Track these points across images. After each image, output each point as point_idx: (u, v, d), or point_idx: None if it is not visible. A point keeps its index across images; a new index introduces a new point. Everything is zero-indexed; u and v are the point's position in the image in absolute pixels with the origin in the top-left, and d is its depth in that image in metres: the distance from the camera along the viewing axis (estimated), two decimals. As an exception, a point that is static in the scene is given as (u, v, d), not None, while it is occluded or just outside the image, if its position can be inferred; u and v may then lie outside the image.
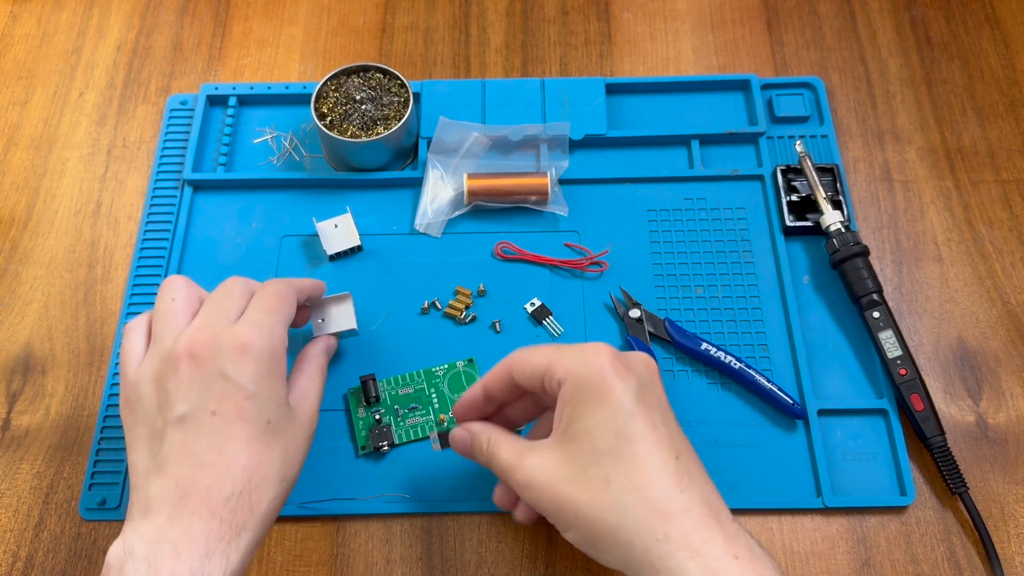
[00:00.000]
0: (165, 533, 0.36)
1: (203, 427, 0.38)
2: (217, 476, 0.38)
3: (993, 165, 0.60)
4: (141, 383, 0.40)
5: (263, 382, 0.40)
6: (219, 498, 0.37)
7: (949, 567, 0.47)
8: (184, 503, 0.37)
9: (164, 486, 0.37)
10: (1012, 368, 0.53)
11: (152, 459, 0.39)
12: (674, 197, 0.58)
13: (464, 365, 0.52)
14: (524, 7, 0.68)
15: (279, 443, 0.40)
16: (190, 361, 0.39)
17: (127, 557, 0.36)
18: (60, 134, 0.62)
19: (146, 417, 0.40)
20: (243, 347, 0.39)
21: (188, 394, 0.39)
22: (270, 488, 0.39)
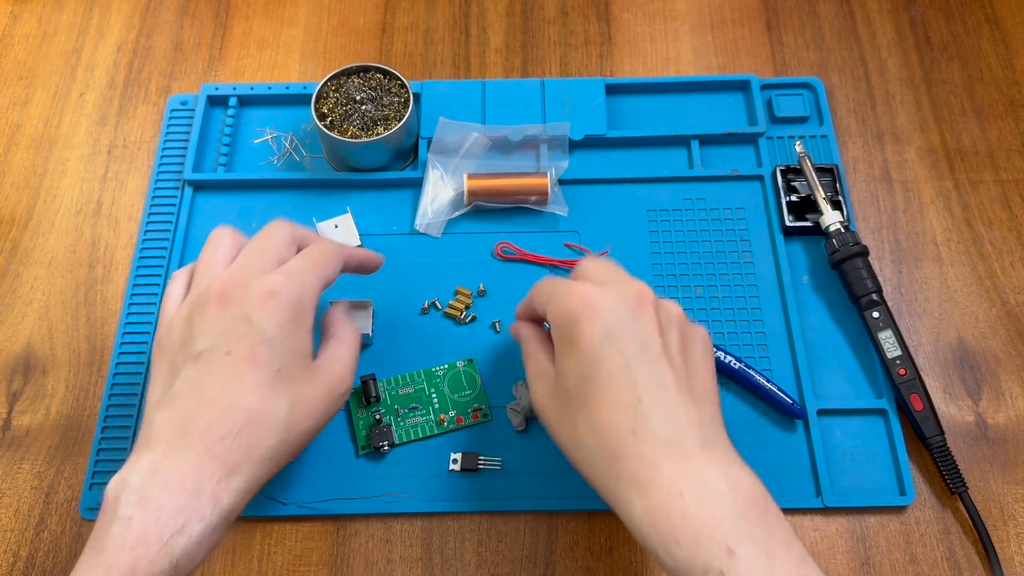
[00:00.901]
0: (159, 466, 0.37)
1: (215, 365, 0.39)
2: (219, 413, 0.38)
3: (993, 165, 0.60)
4: (174, 322, 0.42)
5: (283, 330, 0.40)
6: (216, 435, 0.38)
7: (949, 567, 0.47)
8: (183, 437, 0.38)
9: (168, 419, 0.38)
10: (1011, 368, 0.53)
11: (164, 392, 0.40)
12: (674, 197, 0.58)
13: (464, 365, 0.52)
14: (524, 7, 0.68)
15: (288, 393, 0.40)
16: (219, 302, 0.40)
17: (122, 489, 0.37)
18: (60, 134, 0.63)
19: (170, 354, 0.41)
20: (271, 293, 0.40)
21: (210, 332, 0.40)
22: (270, 434, 0.39)
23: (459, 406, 0.51)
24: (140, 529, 0.35)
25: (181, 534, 0.36)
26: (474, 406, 0.51)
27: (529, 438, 0.50)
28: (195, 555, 0.37)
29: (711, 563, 0.33)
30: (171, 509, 0.36)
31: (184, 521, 0.36)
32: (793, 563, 0.34)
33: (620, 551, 0.48)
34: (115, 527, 0.36)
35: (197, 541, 0.36)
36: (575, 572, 0.47)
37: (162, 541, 0.35)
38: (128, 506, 0.36)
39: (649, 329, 0.39)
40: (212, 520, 0.37)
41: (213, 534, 0.37)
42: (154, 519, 0.35)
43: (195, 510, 0.36)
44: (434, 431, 0.50)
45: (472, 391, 0.51)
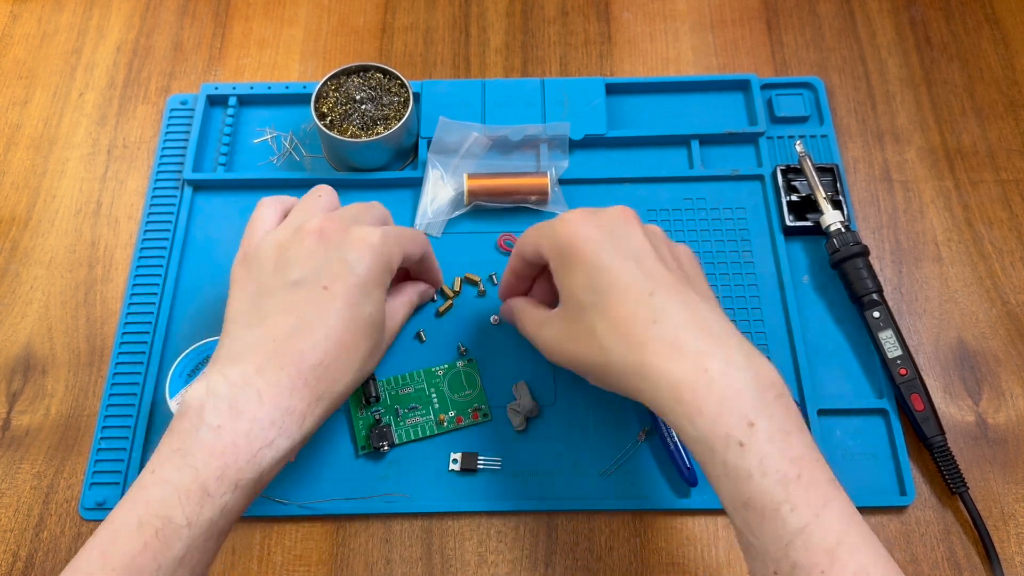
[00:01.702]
0: (252, 380, 0.38)
1: (312, 296, 0.41)
2: (312, 342, 0.40)
3: (993, 165, 0.60)
4: (265, 245, 0.43)
5: (374, 279, 0.43)
6: (309, 362, 0.39)
7: (949, 567, 0.47)
8: (276, 358, 0.39)
9: (260, 337, 0.40)
10: (1012, 368, 0.53)
11: (255, 311, 0.41)
12: (674, 197, 0.58)
13: (464, 365, 0.52)
14: (524, 7, 0.68)
15: (370, 337, 0.43)
16: (319, 237, 0.42)
17: (208, 397, 0.38)
18: (60, 134, 0.62)
19: (260, 274, 0.42)
20: (368, 243, 0.43)
21: (308, 263, 0.41)
22: (351, 372, 0.42)
23: (459, 406, 0.51)
24: (231, 437, 0.37)
25: (270, 447, 0.37)
26: (474, 406, 0.51)
27: (529, 438, 0.50)
28: (276, 468, 0.39)
29: (732, 433, 0.35)
30: (264, 422, 0.37)
31: (275, 436, 0.38)
32: (807, 446, 0.35)
33: (620, 551, 0.48)
34: (202, 433, 0.37)
35: (282, 455, 0.38)
36: (575, 572, 0.47)
37: (252, 452, 0.37)
38: (216, 415, 0.37)
39: (639, 239, 0.41)
40: (296, 439, 0.39)
41: (294, 451, 0.39)
42: (246, 430, 0.37)
43: (285, 427, 0.38)
44: (434, 431, 0.50)
45: (472, 391, 0.51)
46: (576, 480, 0.49)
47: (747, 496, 0.34)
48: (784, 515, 0.33)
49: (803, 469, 0.34)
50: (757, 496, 0.34)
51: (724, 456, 0.35)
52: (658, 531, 0.48)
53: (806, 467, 0.34)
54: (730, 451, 0.35)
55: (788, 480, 0.34)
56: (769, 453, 0.34)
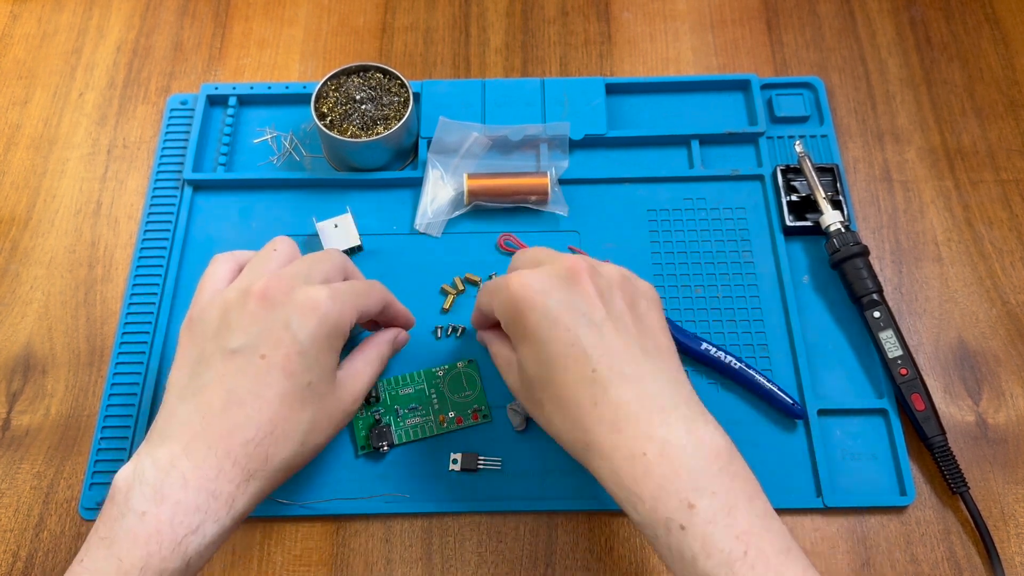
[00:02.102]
0: (178, 462, 0.37)
1: (248, 366, 0.39)
2: (245, 418, 0.38)
3: (993, 165, 0.60)
4: (210, 308, 0.41)
5: (318, 344, 0.40)
6: (239, 440, 0.38)
7: (949, 567, 0.47)
8: (204, 435, 0.38)
9: (191, 413, 0.38)
10: (1012, 368, 0.53)
11: (192, 382, 0.40)
12: (674, 197, 0.58)
13: (464, 366, 0.52)
14: (524, 7, 0.68)
15: (311, 408, 0.41)
16: (261, 301, 0.40)
17: (135, 481, 0.37)
18: (60, 134, 0.62)
19: (202, 340, 0.41)
20: (313, 305, 0.40)
21: (247, 330, 0.40)
22: (289, 446, 0.40)
23: (459, 407, 0.51)
24: (155, 525, 0.35)
25: (196, 533, 0.36)
26: (474, 407, 0.51)
27: (529, 438, 0.50)
28: (205, 554, 0.37)
29: (672, 516, 0.34)
30: (188, 508, 0.36)
31: (200, 521, 0.36)
32: (756, 516, 0.35)
33: (620, 551, 0.48)
34: (128, 520, 0.36)
35: (210, 541, 0.37)
36: (575, 572, 0.47)
37: (176, 539, 0.35)
38: (142, 500, 0.36)
39: (588, 299, 0.39)
40: (226, 523, 0.37)
41: (224, 536, 0.38)
42: (169, 516, 0.36)
43: (211, 511, 0.37)
44: (434, 432, 0.50)
45: (472, 392, 0.51)
46: (576, 480, 0.49)
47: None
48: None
49: (749, 545, 0.34)
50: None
51: (667, 540, 0.35)
52: (658, 531, 0.48)
53: (753, 542, 0.34)
54: (672, 535, 0.34)
55: (733, 560, 0.33)
56: (711, 533, 0.34)
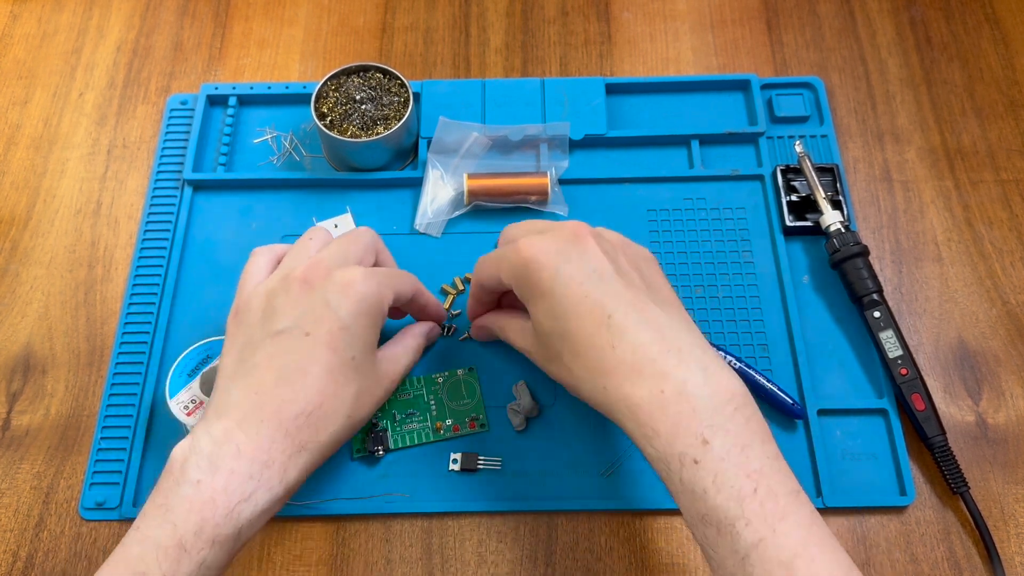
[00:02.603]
0: (232, 434, 0.39)
1: (294, 345, 0.41)
2: (294, 393, 0.40)
3: (993, 165, 0.60)
4: (254, 296, 0.43)
5: (359, 320, 0.42)
6: (290, 413, 0.40)
7: (949, 567, 0.47)
8: (258, 410, 0.39)
9: (244, 391, 0.40)
10: (1012, 368, 0.53)
11: (241, 365, 0.41)
12: (674, 197, 0.58)
13: (464, 373, 0.52)
14: (524, 7, 0.68)
15: (356, 382, 0.42)
16: (302, 285, 0.42)
17: (191, 453, 0.38)
18: (60, 134, 0.62)
19: (248, 328, 0.43)
20: (351, 283, 0.42)
21: (291, 312, 0.42)
22: (337, 419, 0.41)
23: (457, 415, 0.51)
24: (209, 492, 0.37)
25: (248, 501, 0.37)
26: (472, 415, 0.51)
27: (529, 438, 0.50)
28: (257, 523, 0.38)
29: (686, 451, 0.35)
30: (242, 476, 0.37)
31: (253, 489, 0.38)
32: (767, 457, 0.36)
33: (620, 551, 0.48)
34: (183, 488, 0.37)
35: (263, 509, 0.38)
36: (575, 572, 0.47)
37: (230, 506, 0.37)
38: (197, 470, 0.37)
39: (595, 257, 0.41)
40: (278, 492, 0.39)
41: (276, 505, 0.39)
42: (223, 484, 0.37)
43: (264, 480, 0.38)
44: (430, 438, 0.50)
45: (471, 400, 0.51)
46: (576, 480, 0.49)
47: (703, 512, 0.35)
48: (739, 530, 0.34)
49: (760, 483, 0.34)
50: (713, 512, 0.34)
51: (680, 474, 0.35)
52: (658, 531, 0.48)
53: (763, 480, 0.34)
54: (685, 469, 0.35)
55: (743, 495, 0.34)
56: (723, 469, 0.35)
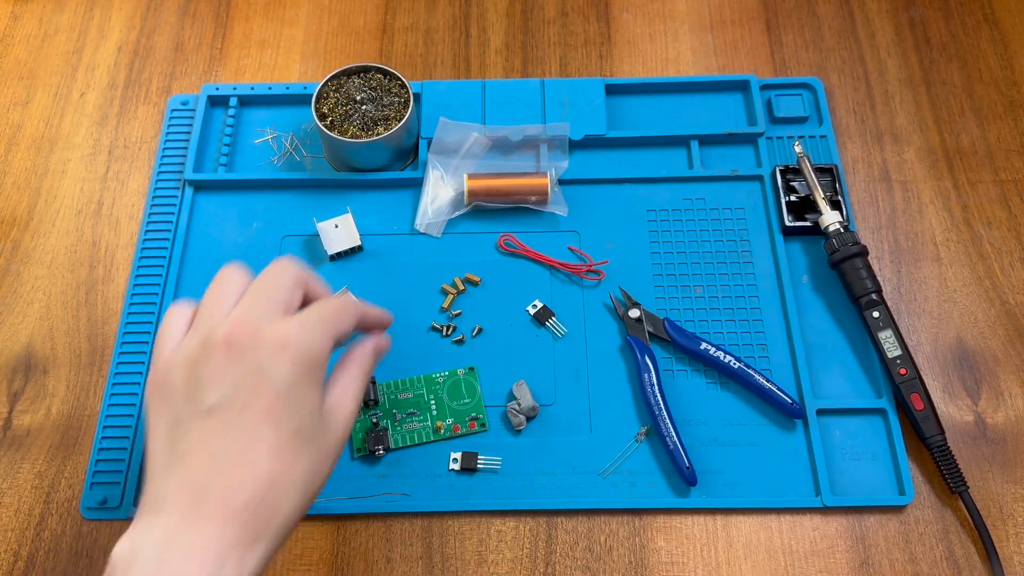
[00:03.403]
0: (177, 534, 0.35)
1: (231, 423, 0.36)
2: (238, 479, 0.35)
3: (992, 165, 0.60)
4: (174, 367, 0.38)
5: (298, 385, 0.37)
6: (237, 503, 0.35)
7: (948, 566, 0.47)
8: (200, 504, 0.35)
9: (181, 483, 0.36)
10: (1010, 368, 0.53)
11: (172, 450, 0.37)
12: (673, 197, 0.58)
13: (465, 373, 0.52)
14: (524, 8, 0.68)
15: (307, 453, 0.38)
16: (227, 350, 0.37)
17: (135, 557, 0.34)
18: (61, 134, 0.63)
19: (172, 404, 0.37)
20: (284, 344, 0.37)
21: (220, 384, 0.36)
22: (291, 498, 0.37)
23: (457, 414, 0.51)
24: None
25: None
26: (472, 415, 0.51)
27: (529, 438, 0.50)
28: None
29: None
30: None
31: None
32: None
33: (620, 551, 0.48)
34: None
35: None
36: (575, 572, 0.47)
37: None
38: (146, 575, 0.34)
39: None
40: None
41: None
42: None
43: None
44: (430, 438, 0.50)
45: (471, 400, 0.51)
46: (576, 480, 0.49)
47: None
48: None
49: None
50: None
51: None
52: (658, 531, 0.48)
53: None
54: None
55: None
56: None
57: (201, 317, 0.39)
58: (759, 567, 0.47)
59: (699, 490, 0.49)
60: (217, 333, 0.37)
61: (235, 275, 0.41)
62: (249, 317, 0.38)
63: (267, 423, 0.36)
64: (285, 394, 0.37)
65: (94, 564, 0.48)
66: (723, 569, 0.47)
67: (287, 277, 0.40)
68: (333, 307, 0.41)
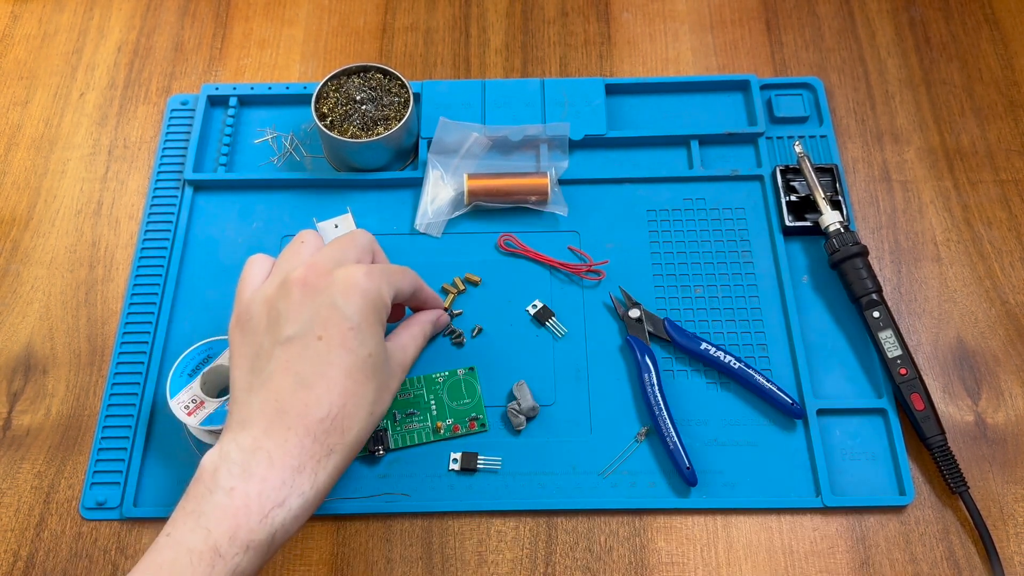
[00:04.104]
0: (261, 443, 0.38)
1: (308, 349, 0.40)
2: (316, 397, 0.40)
3: (992, 165, 0.60)
4: (255, 303, 0.43)
5: (367, 318, 0.42)
6: (315, 417, 0.39)
7: (948, 566, 0.47)
8: (282, 418, 0.39)
9: (265, 400, 0.40)
10: (1011, 368, 0.53)
11: (255, 376, 0.41)
12: (674, 197, 0.58)
13: (465, 373, 0.52)
14: (524, 8, 0.68)
15: (375, 379, 0.42)
16: (303, 287, 0.41)
17: (222, 462, 0.38)
18: (61, 134, 0.63)
19: (254, 336, 0.42)
20: (354, 283, 0.42)
21: (298, 317, 0.41)
22: (361, 417, 0.41)
23: (457, 414, 0.51)
24: (243, 499, 0.37)
25: (282, 507, 0.38)
26: (472, 415, 0.51)
27: (529, 438, 0.50)
28: (291, 529, 0.38)
29: None
30: (274, 483, 0.38)
31: (286, 495, 0.38)
32: None
33: (620, 551, 0.48)
34: (216, 496, 0.37)
35: (295, 515, 0.38)
36: (575, 572, 0.47)
37: (264, 512, 0.37)
38: (230, 477, 0.37)
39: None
40: (310, 496, 0.39)
41: (308, 510, 0.39)
42: (257, 491, 0.37)
43: (296, 485, 0.38)
44: (430, 438, 0.50)
45: (471, 400, 0.51)
46: (576, 480, 0.49)
47: None
48: None
49: None
50: None
51: None
52: (658, 531, 0.48)
53: None
54: None
55: None
56: None
57: (279, 264, 0.44)
58: (759, 567, 0.47)
59: (699, 490, 0.49)
60: (295, 273, 0.42)
61: (311, 235, 0.46)
62: (323, 261, 0.43)
63: (341, 350, 0.40)
64: (356, 325, 0.41)
65: (94, 564, 0.48)
66: (723, 569, 0.47)
67: (361, 240, 0.46)
68: (396, 267, 0.47)
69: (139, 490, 0.49)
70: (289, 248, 0.45)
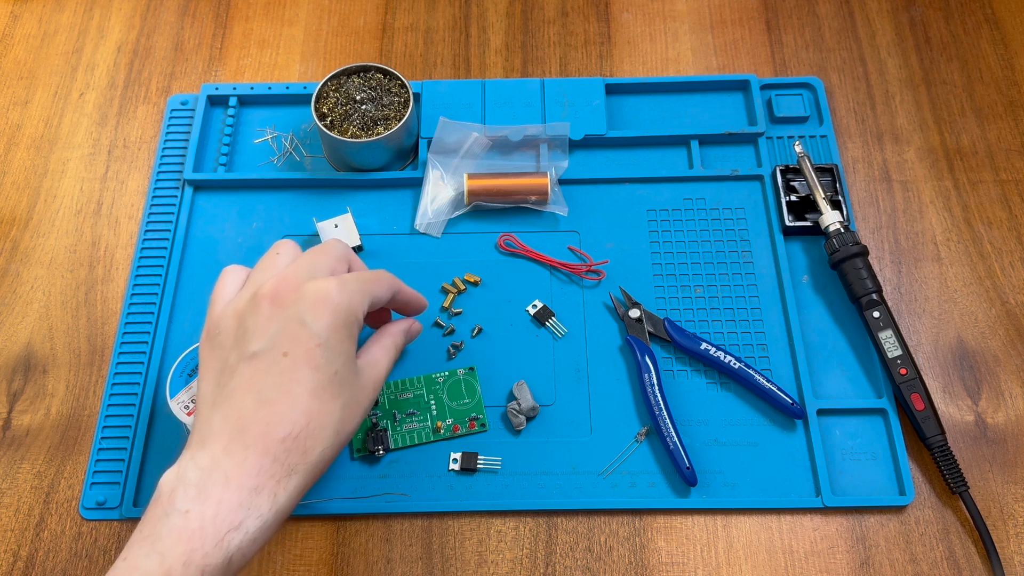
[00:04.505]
0: (219, 462, 0.37)
1: (273, 366, 0.39)
2: (278, 415, 0.39)
3: (992, 165, 0.60)
4: (224, 318, 0.42)
5: (336, 334, 0.41)
6: (276, 437, 0.38)
7: (948, 566, 0.47)
8: (241, 436, 0.38)
9: (226, 418, 0.39)
10: (1011, 368, 0.53)
11: (219, 391, 0.40)
12: (674, 197, 0.58)
13: (465, 373, 0.52)
14: (524, 8, 0.68)
15: (341, 396, 0.41)
16: (272, 302, 0.41)
17: (179, 483, 0.37)
18: (61, 134, 0.63)
19: (221, 351, 0.41)
20: (323, 298, 0.41)
21: (264, 332, 0.40)
22: (325, 437, 0.40)
23: (457, 414, 0.51)
24: (198, 522, 0.36)
25: (238, 530, 0.36)
26: (472, 415, 0.51)
27: (529, 438, 0.50)
28: (248, 552, 0.37)
29: None
30: (230, 505, 0.37)
31: (242, 518, 0.37)
32: None
33: (620, 551, 0.48)
34: (171, 518, 0.36)
35: (252, 538, 0.37)
36: (575, 572, 0.47)
37: (219, 536, 0.36)
38: (186, 499, 0.36)
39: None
40: (269, 518, 0.38)
41: (267, 532, 0.38)
42: (212, 513, 0.36)
43: (254, 507, 0.37)
44: (430, 438, 0.50)
45: (471, 400, 0.51)
46: (576, 480, 0.49)
47: None
48: None
49: None
50: None
51: None
52: (658, 531, 0.48)
53: None
54: None
55: None
56: None
57: (252, 277, 0.43)
58: (759, 567, 0.47)
59: (699, 490, 0.49)
60: (264, 288, 0.41)
61: (287, 246, 0.45)
62: (293, 275, 0.42)
63: (307, 367, 0.39)
64: (324, 342, 0.40)
65: (94, 564, 0.48)
66: (723, 569, 0.47)
67: (334, 250, 0.45)
68: (370, 275, 0.45)
69: (139, 490, 0.49)
70: (264, 260, 0.44)
